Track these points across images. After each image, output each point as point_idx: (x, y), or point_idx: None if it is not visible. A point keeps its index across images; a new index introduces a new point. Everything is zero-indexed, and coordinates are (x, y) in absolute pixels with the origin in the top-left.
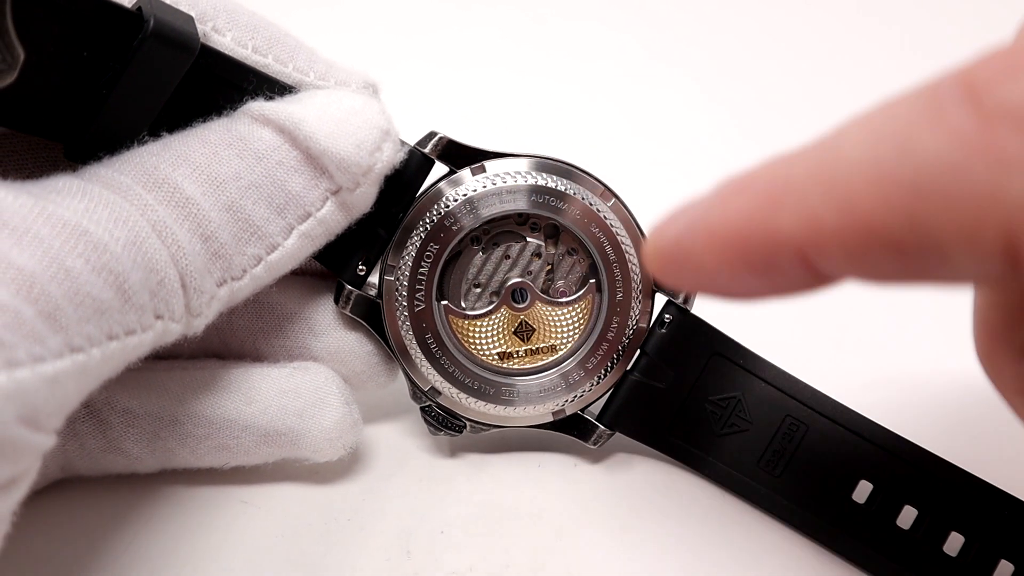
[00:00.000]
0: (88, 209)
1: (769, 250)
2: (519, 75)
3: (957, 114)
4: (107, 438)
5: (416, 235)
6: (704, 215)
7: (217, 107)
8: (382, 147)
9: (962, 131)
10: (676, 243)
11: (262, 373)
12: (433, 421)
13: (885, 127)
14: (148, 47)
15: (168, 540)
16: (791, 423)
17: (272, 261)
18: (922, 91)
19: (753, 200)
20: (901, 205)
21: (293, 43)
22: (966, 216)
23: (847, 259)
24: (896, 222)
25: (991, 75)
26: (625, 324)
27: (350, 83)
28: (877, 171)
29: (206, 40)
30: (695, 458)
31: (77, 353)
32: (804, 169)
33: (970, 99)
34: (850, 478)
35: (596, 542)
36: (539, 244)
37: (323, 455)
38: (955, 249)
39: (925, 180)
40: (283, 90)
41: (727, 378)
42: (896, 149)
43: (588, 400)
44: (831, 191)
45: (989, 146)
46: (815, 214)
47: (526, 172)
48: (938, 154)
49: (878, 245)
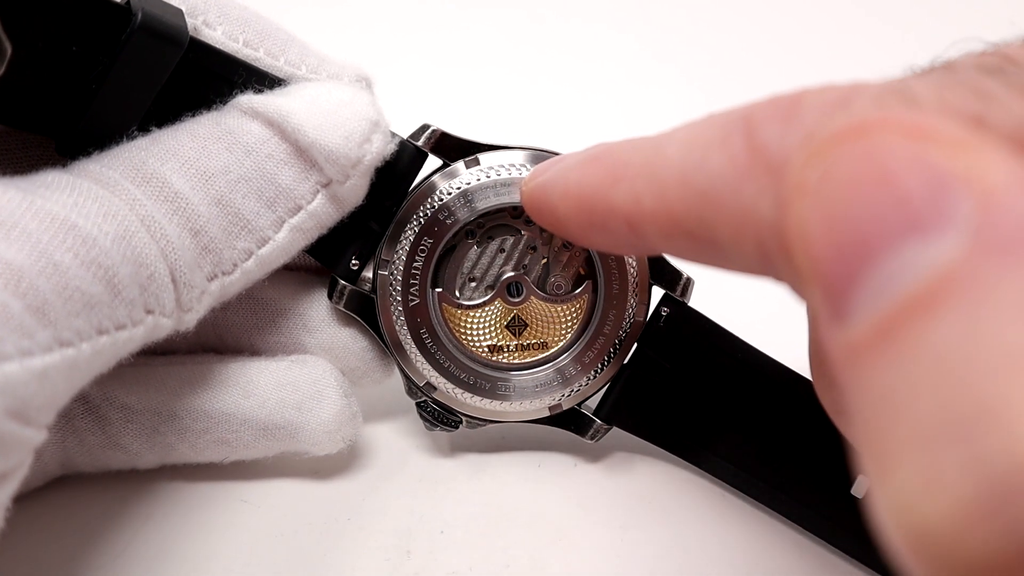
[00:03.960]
0: (77, 204)
1: (604, 216)
2: (514, 71)
3: (736, 143)
4: (106, 434)
5: (410, 229)
6: (566, 172)
7: (207, 101)
8: (371, 139)
9: (736, 158)
10: (542, 188)
11: (260, 367)
12: (429, 417)
13: (696, 139)
14: (136, 41)
15: (168, 539)
16: (790, 418)
17: (263, 255)
18: (726, 115)
19: (601, 173)
20: (693, 206)
21: (285, 37)
22: (733, 223)
23: (660, 236)
24: (690, 217)
25: (763, 116)
26: (621, 318)
27: (342, 76)
28: (682, 174)
29: (197, 34)
30: (693, 453)
31: (66, 347)
32: (640, 157)
33: (746, 133)
34: (849, 473)
35: (596, 542)
36: (534, 238)
37: (322, 448)
38: (727, 245)
39: (710, 190)
40: (274, 83)
41: (725, 372)
42: (696, 160)
43: (585, 395)
44: (651, 181)
45: (751, 174)
46: (639, 197)
47: (520, 164)
48: (721, 172)
49: (678, 231)
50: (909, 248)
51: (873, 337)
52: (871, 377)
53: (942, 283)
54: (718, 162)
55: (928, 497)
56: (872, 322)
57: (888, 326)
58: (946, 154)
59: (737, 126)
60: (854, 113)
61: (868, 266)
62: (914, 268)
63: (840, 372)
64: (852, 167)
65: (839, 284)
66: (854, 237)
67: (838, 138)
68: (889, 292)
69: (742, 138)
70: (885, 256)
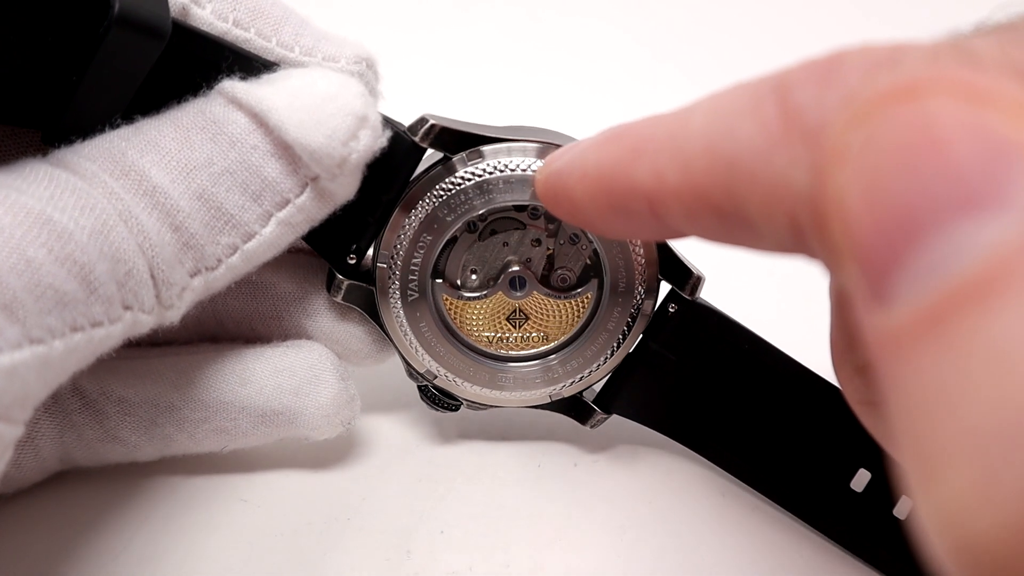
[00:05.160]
0: (53, 196)
1: (625, 195)
2: (514, 67)
3: (768, 109)
4: (104, 428)
5: (409, 224)
6: (582, 155)
7: (194, 86)
8: (358, 135)
9: (769, 124)
10: (558, 175)
11: (256, 354)
12: (429, 400)
13: (723, 107)
14: (114, 34)
15: (167, 539)
16: (795, 410)
17: (249, 250)
18: (757, 81)
19: (620, 150)
20: (720, 178)
21: (279, 14)
22: (764, 195)
23: (684, 216)
24: (716, 191)
25: (797, 79)
26: (627, 311)
27: (339, 58)
28: (708, 145)
29: (186, 13)
30: (695, 441)
31: (37, 345)
32: (662, 131)
33: (779, 98)
34: (849, 466)
35: (596, 542)
36: (540, 232)
37: (321, 432)
38: (757, 220)
39: (739, 160)
40: (263, 68)
41: (731, 363)
42: (724, 129)
43: (587, 384)
44: (676, 155)
45: (785, 141)
46: (662, 171)
47: (525, 159)
48: (750, 140)
49: (704, 206)
50: (962, 227)
51: (921, 325)
52: (917, 369)
53: (1001, 268)
54: (748, 129)
55: (983, 508)
56: (920, 308)
57: (938, 314)
58: (1007, 121)
59: (769, 91)
60: (904, 72)
61: (915, 245)
62: (968, 250)
63: (879, 360)
64: (899, 133)
65: (881, 263)
66: (900, 212)
67: (884, 99)
68: (939, 275)
69: (774, 103)
70: (935, 235)
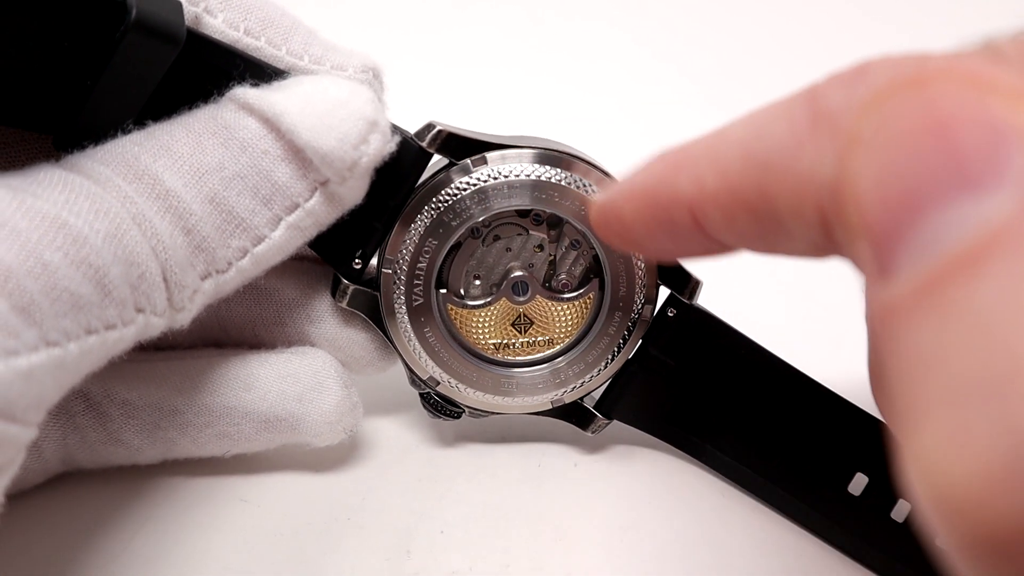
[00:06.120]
0: (68, 200)
1: (669, 206)
2: (517, 69)
3: (799, 111)
4: (107, 430)
5: (415, 229)
6: (630, 178)
7: (206, 93)
8: (368, 139)
9: (798, 123)
10: (610, 201)
11: (260, 359)
12: (431, 408)
13: (760, 116)
14: (130, 39)
15: (167, 539)
16: (792, 414)
17: (259, 253)
18: (791, 95)
19: (664, 167)
20: (754, 176)
21: (289, 24)
22: (794, 191)
23: (722, 220)
24: (751, 189)
25: (828, 84)
26: (628, 317)
27: (347, 67)
28: (744, 149)
29: (198, 22)
30: (695, 447)
31: (53, 347)
32: (702, 145)
33: (809, 100)
34: (847, 471)
35: (596, 542)
36: (542, 237)
37: (323, 439)
38: (788, 217)
39: (771, 158)
40: (273, 76)
41: (729, 368)
42: (757, 132)
43: (587, 390)
44: (714, 162)
45: (813, 137)
46: (702, 178)
47: (529, 165)
48: (781, 139)
49: (740, 208)
50: (960, 204)
51: (915, 295)
52: (908, 336)
53: (989, 241)
54: (779, 130)
55: (955, 456)
56: (917, 279)
57: (933, 283)
58: (1008, 105)
59: (801, 98)
60: (924, 66)
61: (916, 221)
62: (963, 225)
63: (876, 333)
64: (907, 117)
65: (886, 239)
66: (904, 190)
67: (895, 88)
68: (935, 249)
69: (804, 105)
70: (934, 211)
